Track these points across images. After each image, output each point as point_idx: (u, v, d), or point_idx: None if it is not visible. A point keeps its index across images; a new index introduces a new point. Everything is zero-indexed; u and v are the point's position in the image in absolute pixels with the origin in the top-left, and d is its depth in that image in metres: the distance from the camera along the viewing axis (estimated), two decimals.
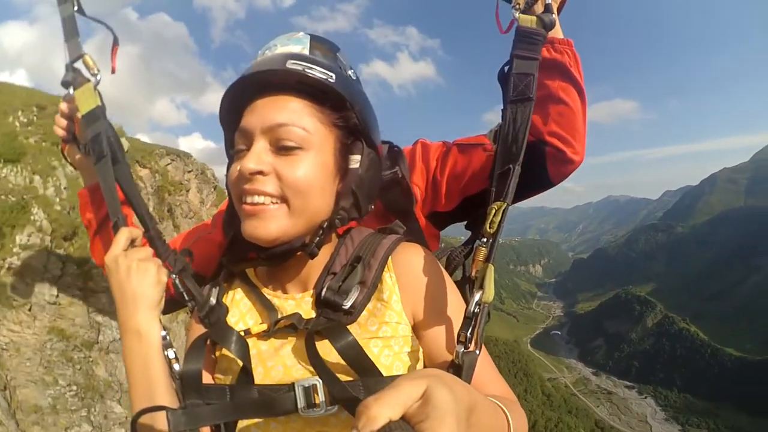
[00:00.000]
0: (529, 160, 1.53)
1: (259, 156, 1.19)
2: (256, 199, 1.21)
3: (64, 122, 1.67)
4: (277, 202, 1.21)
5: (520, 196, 1.71)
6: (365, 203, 1.33)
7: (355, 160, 1.30)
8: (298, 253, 1.30)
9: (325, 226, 1.28)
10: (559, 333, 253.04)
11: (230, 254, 1.44)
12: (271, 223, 1.21)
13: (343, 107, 1.26)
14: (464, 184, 1.84)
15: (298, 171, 1.20)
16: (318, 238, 1.28)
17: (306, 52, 1.74)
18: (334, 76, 1.24)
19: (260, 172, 1.19)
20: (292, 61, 1.22)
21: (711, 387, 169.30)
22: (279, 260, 1.31)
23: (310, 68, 1.22)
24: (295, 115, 1.21)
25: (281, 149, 1.20)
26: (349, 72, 1.80)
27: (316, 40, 1.80)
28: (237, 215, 1.30)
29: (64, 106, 1.65)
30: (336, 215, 1.29)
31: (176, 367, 1.31)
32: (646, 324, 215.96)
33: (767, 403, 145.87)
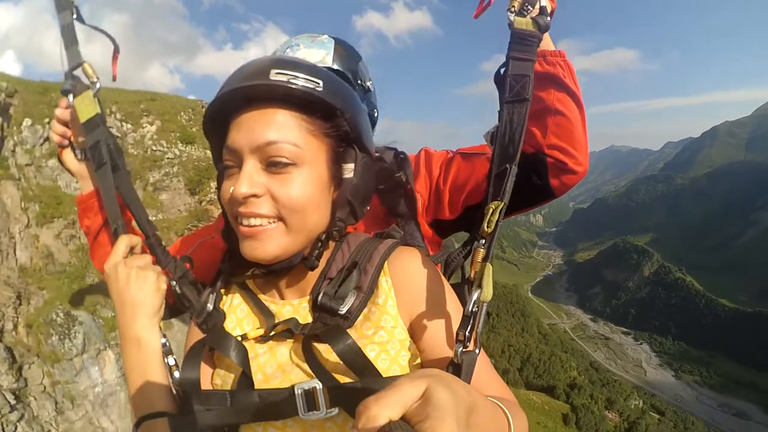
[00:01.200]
0: (530, 172, 1.61)
1: (250, 178, 1.17)
2: (253, 221, 1.19)
3: (60, 128, 1.65)
4: (273, 222, 1.20)
5: (522, 208, 1.80)
6: (361, 209, 1.34)
7: (349, 169, 1.28)
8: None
9: (323, 238, 1.28)
10: (551, 273, 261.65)
11: (230, 264, 1.43)
12: (269, 244, 1.20)
13: (334, 115, 1.22)
14: (467, 194, 1.84)
15: (293, 190, 1.18)
16: (317, 251, 1.28)
17: (329, 58, 1.74)
18: (321, 83, 1.19)
19: (254, 195, 1.17)
20: (276, 71, 1.16)
21: (704, 336, 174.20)
22: (279, 275, 1.32)
23: (296, 78, 1.17)
24: (284, 130, 1.17)
25: (273, 167, 1.18)
26: (368, 83, 1.81)
27: (340, 46, 1.78)
28: (234, 230, 1.29)
29: (59, 112, 1.63)
30: (333, 226, 1.29)
31: (176, 374, 1.32)
32: (643, 273, 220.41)
33: (758, 354, 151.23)
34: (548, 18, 1.47)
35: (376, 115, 2.14)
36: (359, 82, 2.00)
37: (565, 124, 1.65)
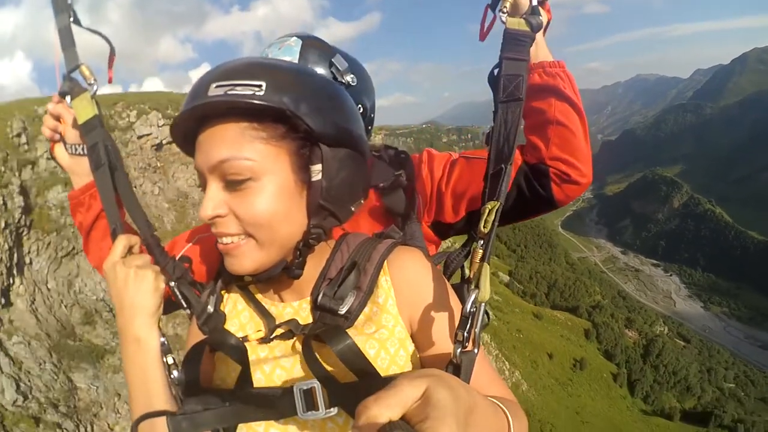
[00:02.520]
0: (534, 183, 1.69)
1: (213, 199, 1.16)
2: (225, 240, 1.19)
3: (52, 123, 1.64)
4: (244, 238, 1.19)
5: (525, 217, 1.85)
6: (343, 210, 1.28)
7: (317, 171, 1.20)
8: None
9: (301, 246, 1.25)
10: (581, 207, 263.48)
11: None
12: (244, 260, 1.20)
13: (285, 116, 1.13)
14: (469, 199, 1.82)
15: (254, 206, 1.15)
16: (297, 260, 1.26)
17: (296, 61, 1.82)
18: (264, 84, 1.11)
19: (217, 216, 1.17)
20: (215, 85, 1.12)
21: (733, 268, 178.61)
22: (269, 281, 1.31)
23: (233, 87, 1.11)
24: (235, 146, 1.13)
25: (231, 185, 1.15)
26: (348, 77, 1.89)
27: (308, 45, 1.84)
28: None
29: (51, 107, 1.63)
30: (309, 235, 1.24)
31: (176, 373, 1.32)
32: (672, 205, 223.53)
33: None
34: (540, 17, 1.47)
35: (361, 110, 1.96)
36: (335, 79, 1.91)
37: (567, 135, 1.66)
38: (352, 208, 1.31)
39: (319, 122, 1.15)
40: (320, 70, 1.87)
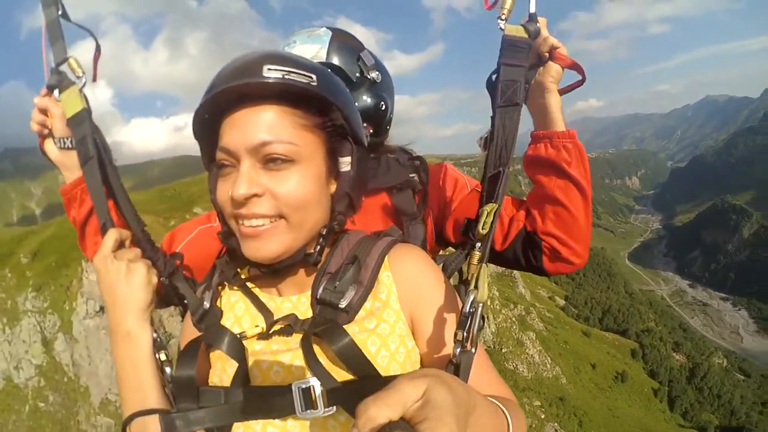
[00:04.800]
0: (527, 250, 1.71)
1: (249, 178, 1.15)
2: (255, 222, 1.18)
3: (39, 117, 1.61)
4: (275, 220, 1.19)
5: (520, 269, 1.84)
6: (358, 200, 1.34)
7: (346, 162, 1.27)
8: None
9: (324, 232, 1.27)
10: (649, 239, 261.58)
11: (229, 263, 1.40)
12: (272, 243, 1.19)
13: (329, 109, 1.21)
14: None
15: (292, 187, 1.17)
16: (319, 246, 1.28)
17: (323, 51, 1.81)
18: (314, 77, 1.17)
19: (255, 195, 1.16)
20: (269, 66, 1.13)
21: None
22: (282, 272, 1.30)
23: (289, 73, 1.14)
24: (278, 128, 1.16)
25: (270, 165, 1.16)
26: (373, 74, 1.89)
27: (337, 38, 1.83)
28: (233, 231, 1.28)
29: (38, 101, 1.60)
30: (334, 221, 1.28)
31: (168, 370, 1.31)
32: (742, 234, 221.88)
33: None
34: (537, 24, 1.50)
35: (383, 107, 1.97)
36: (361, 73, 1.91)
37: (563, 215, 1.63)
38: (360, 201, 1.37)
39: (351, 120, 1.25)
40: (347, 63, 1.87)
